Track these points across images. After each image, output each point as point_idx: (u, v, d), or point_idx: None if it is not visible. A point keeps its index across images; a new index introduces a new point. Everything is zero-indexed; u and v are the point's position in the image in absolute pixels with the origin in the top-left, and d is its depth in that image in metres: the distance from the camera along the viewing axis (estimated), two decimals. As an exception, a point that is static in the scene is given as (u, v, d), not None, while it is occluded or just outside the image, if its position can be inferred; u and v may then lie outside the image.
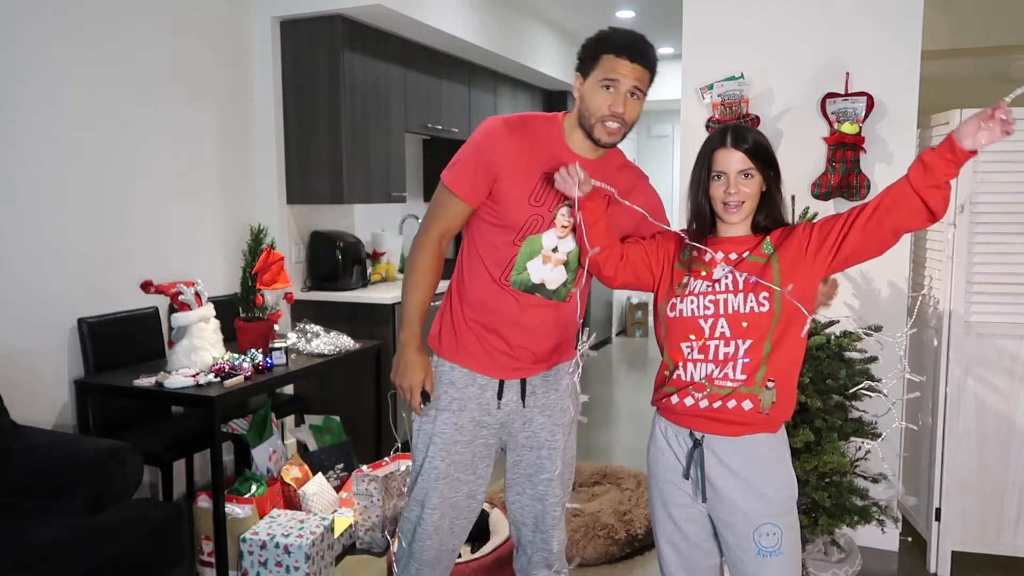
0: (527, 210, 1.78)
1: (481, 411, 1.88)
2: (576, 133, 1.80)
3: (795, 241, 1.69)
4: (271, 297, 3.15)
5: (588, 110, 1.75)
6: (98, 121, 3.08)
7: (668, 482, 1.79)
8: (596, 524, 3.04)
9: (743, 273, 1.69)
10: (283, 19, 3.90)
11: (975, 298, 2.74)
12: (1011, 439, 2.76)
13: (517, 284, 1.82)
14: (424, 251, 1.84)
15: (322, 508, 3.09)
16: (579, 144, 1.81)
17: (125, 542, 2.28)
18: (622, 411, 5.22)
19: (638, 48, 1.73)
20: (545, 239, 1.81)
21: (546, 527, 2.00)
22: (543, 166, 1.77)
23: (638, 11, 5.59)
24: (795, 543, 1.72)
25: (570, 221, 1.80)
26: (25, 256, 2.82)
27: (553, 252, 1.82)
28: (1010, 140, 2.65)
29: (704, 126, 3.08)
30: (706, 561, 1.81)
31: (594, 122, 1.75)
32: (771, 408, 1.67)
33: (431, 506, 1.89)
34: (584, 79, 1.76)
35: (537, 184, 1.78)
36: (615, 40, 1.74)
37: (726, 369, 1.67)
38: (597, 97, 1.73)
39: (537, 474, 1.96)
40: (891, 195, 1.60)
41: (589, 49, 1.76)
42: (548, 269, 1.83)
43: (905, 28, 2.85)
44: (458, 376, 1.87)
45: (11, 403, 2.62)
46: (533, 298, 1.84)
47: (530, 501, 1.99)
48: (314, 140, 3.91)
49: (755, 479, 1.68)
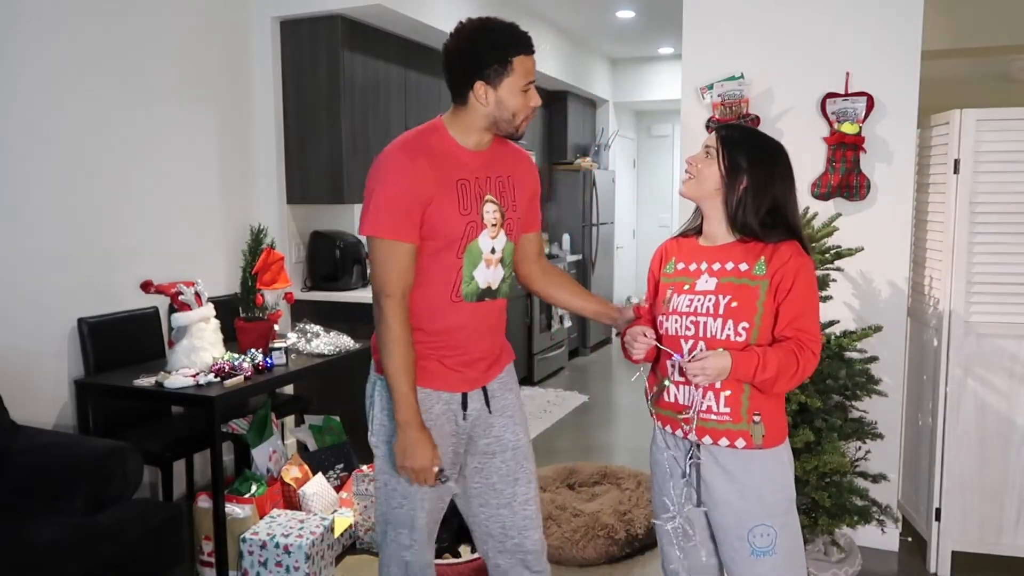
0: (460, 221, 1.76)
1: (450, 423, 1.86)
2: (470, 135, 1.79)
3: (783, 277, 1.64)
4: (271, 297, 3.14)
5: (509, 112, 1.74)
6: (98, 121, 3.09)
7: (668, 482, 1.79)
8: (596, 524, 3.04)
9: (726, 296, 1.66)
10: (283, 19, 3.90)
11: (975, 298, 2.74)
12: (1011, 439, 2.76)
13: (469, 296, 1.81)
14: (395, 319, 1.72)
15: (322, 508, 3.09)
16: (473, 143, 1.80)
17: (125, 542, 2.28)
18: (622, 411, 5.21)
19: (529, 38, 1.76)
20: (482, 244, 1.80)
21: (517, 529, 1.94)
22: (453, 174, 1.76)
23: (638, 11, 5.59)
24: (792, 545, 1.71)
25: (497, 216, 1.81)
26: (25, 256, 2.82)
27: (491, 254, 1.82)
28: (1010, 140, 2.65)
29: (704, 126, 3.08)
30: (707, 560, 1.81)
31: (520, 122, 1.77)
32: (763, 441, 1.67)
33: (420, 526, 1.86)
34: (493, 86, 1.71)
35: (458, 193, 1.76)
36: (519, 38, 1.73)
37: (708, 400, 1.67)
38: (516, 99, 1.74)
39: (504, 479, 1.92)
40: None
41: (490, 54, 1.70)
42: (491, 272, 1.83)
43: (905, 28, 2.85)
44: (421, 397, 1.81)
45: (11, 403, 2.62)
46: (483, 303, 1.84)
47: (495, 510, 1.94)
48: (314, 140, 3.91)
49: (752, 482, 1.68)
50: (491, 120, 1.76)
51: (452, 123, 1.80)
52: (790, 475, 1.74)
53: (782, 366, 1.59)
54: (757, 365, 1.59)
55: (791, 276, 1.63)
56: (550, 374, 6.13)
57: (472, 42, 1.72)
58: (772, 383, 1.61)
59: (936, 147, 2.87)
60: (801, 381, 1.64)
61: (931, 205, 2.91)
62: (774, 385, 1.61)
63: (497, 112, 1.74)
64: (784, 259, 1.64)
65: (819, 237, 2.65)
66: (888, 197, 2.92)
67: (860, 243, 2.75)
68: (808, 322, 1.64)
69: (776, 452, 1.70)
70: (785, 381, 1.61)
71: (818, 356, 1.64)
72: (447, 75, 1.78)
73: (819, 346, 1.65)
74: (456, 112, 1.79)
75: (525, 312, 5.68)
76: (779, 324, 1.64)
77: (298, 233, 4.10)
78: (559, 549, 2.94)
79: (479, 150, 1.81)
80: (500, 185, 1.83)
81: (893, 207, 2.92)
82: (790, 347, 1.61)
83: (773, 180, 1.68)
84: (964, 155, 2.69)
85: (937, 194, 2.85)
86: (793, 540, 1.72)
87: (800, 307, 1.63)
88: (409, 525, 1.86)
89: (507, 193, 1.84)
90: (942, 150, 2.80)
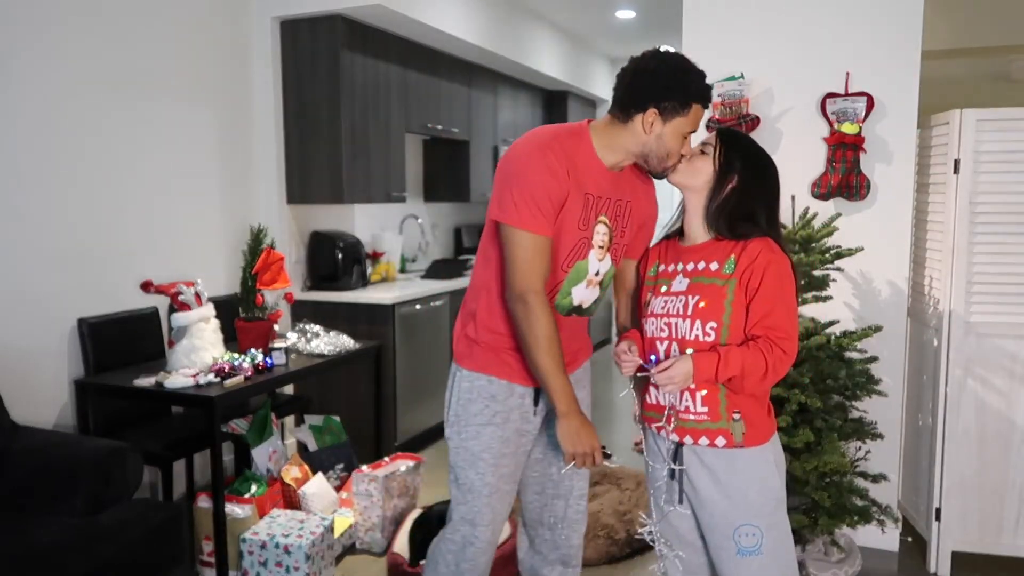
0: (576, 235, 1.75)
1: (522, 420, 1.87)
2: (615, 155, 1.75)
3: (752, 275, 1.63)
4: (271, 297, 3.14)
5: (665, 150, 1.71)
6: (97, 121, 3.08)
7: (658, 480, 1.80)
8: (596, 524, 3.04)
9: (695, 297, 1.67)
10: (283, 19, 3.90)
11: (975, 298, 2.74)
12: (1011, 439, 2.76)
13: (560, 308, 1.82)
14: (545, 314, 1.70)
15: (322, 508, 3.08)
16: (612, 162, 1.77)
17: (125, 542, 2.28)
18: (622, 411, 5.21)
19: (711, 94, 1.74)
20: (591, 264, 1.80)
21: (568, 523, 1.99)
22: (584, 187, 1.73)
23: (638, 11, 5.58)
24: (779, 545, 1.70)
25: (605, 239, 1.79)
26: (25, 256, 2.82)
27: (596, 276, 1.82)
28: (1010, 140, 2.65)
29: (704, 126, 3.08)
30: (699, 558, 1.82)
31: (669, 164, 1.73)
32: (743, 439, 1.67)
33: (484, 523, 1.86)
34: (664, 120, 1.68)
35: (582, 206, 1.74)
36: (706, 90, 1.70)
37: (685, 399, 1.68)
38: (676, 142, 1.71)
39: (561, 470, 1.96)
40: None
41: (680, 91, 1.67)
42: (588, 291, 1.83)
43: (905, 28, 2.85)
44: (497, 389, 1.84)
45: (11, 403, 2.62)
46: (571, 318, 1.85)
47: (551, 499, 1.98)
48: (314, 140, 3.91)
49: (736, 481, 1.68)
50: (645, 151, 1.73)
51: (600, 135, 1.76)
52: (777, 475, 1.73)
53: (747, 365, 1.59)
54: (718, 364, 1.59)
55: (759, 273, 1.62)
56: (550, 374, 6.11)
57: (670, 70, 1.67)
58: (740, 382, 1.61)
59: (936, 147, 2.87)
60: (775, 380, 1.63)
61: (931, 205, 2.91)
62: (743, 384, 1.61)
63: (655, 146, 1.71)
64: (752, 256, 1.64)
65: (819, 237, 2.65)
66: (888, 197, 2.92)
67: (860, 243, 2.75)
68: (779, 319, 1.62)
69: (761, 451, 1.69)
70: (755, 381, 1.60)
71: (792, 354, 1.62)
72: (625, 87, 1.71)
73: (792, 344, 1.63)
74: (610, 126, 1.75)
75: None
76: (749, 322, 1.64)
77: (298, 233, 4.10)
78: (559, 549, 2.94)
79: (614, 170, 1.79)
80: (617, 208, 1.81)
81: (893, 207, 2.92)
82: (758, 347, 1.60)
83: (762, 187, 1.71)
84: (964, 155, 2.69)
85: (937, 194, 2.85)
86: (780, 541, 1.71)
87: (769, 305, 1.62)
88: (471, 521, 1.88)
89: (621, 218, 1.82)
90: (942, 150, 2.80)
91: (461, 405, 1.86)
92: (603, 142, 1.75)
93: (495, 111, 5.61)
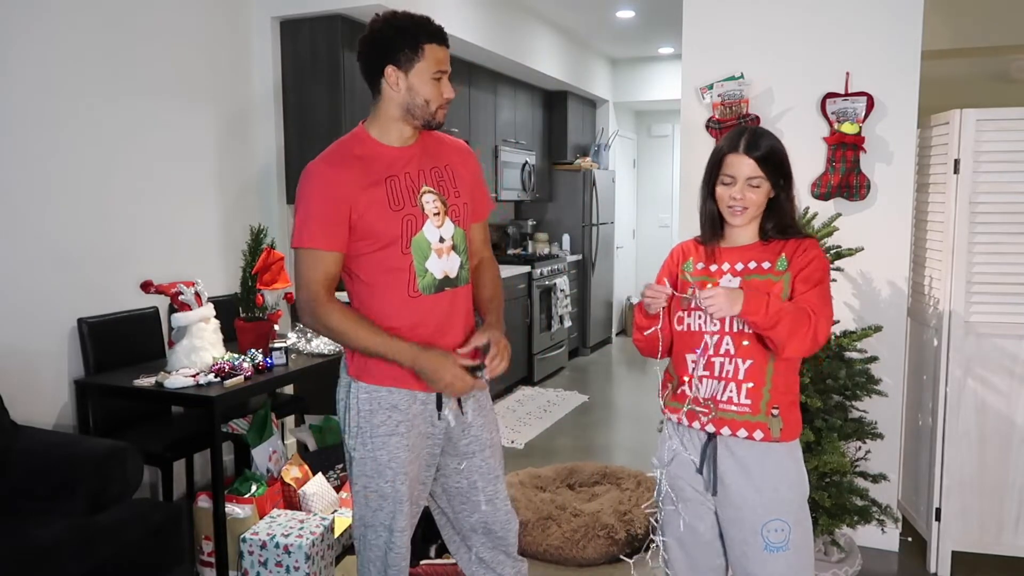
0: (395, 217, 1.77)
1: (427, 424, 1.87)
2: (390, 131, 1.81)
3: (802, 262, 1.69)
4: (271, 297, 3.14)
5: (421, 98, 1.76)
6: (98, 121, 3.08)
7: (679, 478, 1.79)
8: (596, 524, 3.04)
9: None
10: (283, 19, 3.90)
11: (975, 298, 2.74)
12: (1011, 439, 2.76)
13: (427, 288, 1.82)
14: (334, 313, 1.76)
15: (322, 508, 3.08)
16: (396, 139, 1.83)
17: (125, 542, 2.28)
18: (622, 411, 5.21)
19: (442, 31, 1.78)
20: (428, 234, 1.81)
21: (500, 524, 1.98)
22: (380, 173, 1.78)
23: (638, 11, 5.59)
24: (804, 540, 1.72)
25: (438, 205, 1.82)
26: (25, 256, 2.82)
27: (440, 243, 1.83)
28: (1010, 140, 2.65)
29: (704, 126, 3.08)
30: (712, 560, 1.81)
31: (435, 109, 1.79)
32: (780, 434, 1.69)
33: (400, 528, 1.87)
34: (404, 72, 1.75)
35: (387, 190, 1.78)
36: (431, 28, 1.76)
37: (729, 391, 1.68)
38: (428, 87, 1.76)
39: (485, 476, 1.95)
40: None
41: (402, 40, 1.73)
42: (444, 260, 1.84)
43: (905, 28, 2.85)
44: (398, 398, 1.83)
45: (11, 403, 2.62)
46: (444, 293, 1.85)
47: (478, 507, 1.97)
48: (314, 140, 3.91)
49: (768, 476, 1.69)
50: (404, 108, 1.78)
51: (372, 124, 1.84)
52: (804, 472, 1.75)
53: (794, 319, 1.60)
54: (766, 304, 1.59)
55: (814, 269, 1.68)
56: (550, 374, 6.13)
57: (384, 29, 1.75)
58: (785, 333, 1.60)
59: (936, 147, 2.87)
60: (813, 348, 1.63)
61: (931, 205, 2.91)
62: (787, 336, 1.60)
63: (409, 99, 1.77)
64: (809, 257, 1.69)
65: (819, 237, 2.65)
66: (888, 197, 2.92)
67: (860, 243, 2.75)
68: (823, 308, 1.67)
69: (792, 447, 1.72)
70: (799, 338, 1.60)
71: (826, 335, 1.65)
72: (362, 65, 1.81)
73: (829, 329, 1.67)
74: (375, 110, 1.83)
75: (525, 312, 5.68)
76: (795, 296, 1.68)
77: (298, 233, 4.09)
78: (559, 549, 2.94)
79: (405, 145, 1.83)
80: (437, 175, 1.85)
81: (893, 207, 2.92)
82: (805, 309, 1.63)
83: (792, 185, 1.74)
84: (964, 155, 2.69)
85: (937, 194, 2.85)
86: (806, 537, 1.73)
87: (817, 304, 1.65)
88: (388, 527, 1.87)
89: (446, 181, 1.86)
90: (942, 150, 2.80)
91: (363, 416, 1.85)
92: (377, 128, 1.83)
93: (495, 111, 5.61)
